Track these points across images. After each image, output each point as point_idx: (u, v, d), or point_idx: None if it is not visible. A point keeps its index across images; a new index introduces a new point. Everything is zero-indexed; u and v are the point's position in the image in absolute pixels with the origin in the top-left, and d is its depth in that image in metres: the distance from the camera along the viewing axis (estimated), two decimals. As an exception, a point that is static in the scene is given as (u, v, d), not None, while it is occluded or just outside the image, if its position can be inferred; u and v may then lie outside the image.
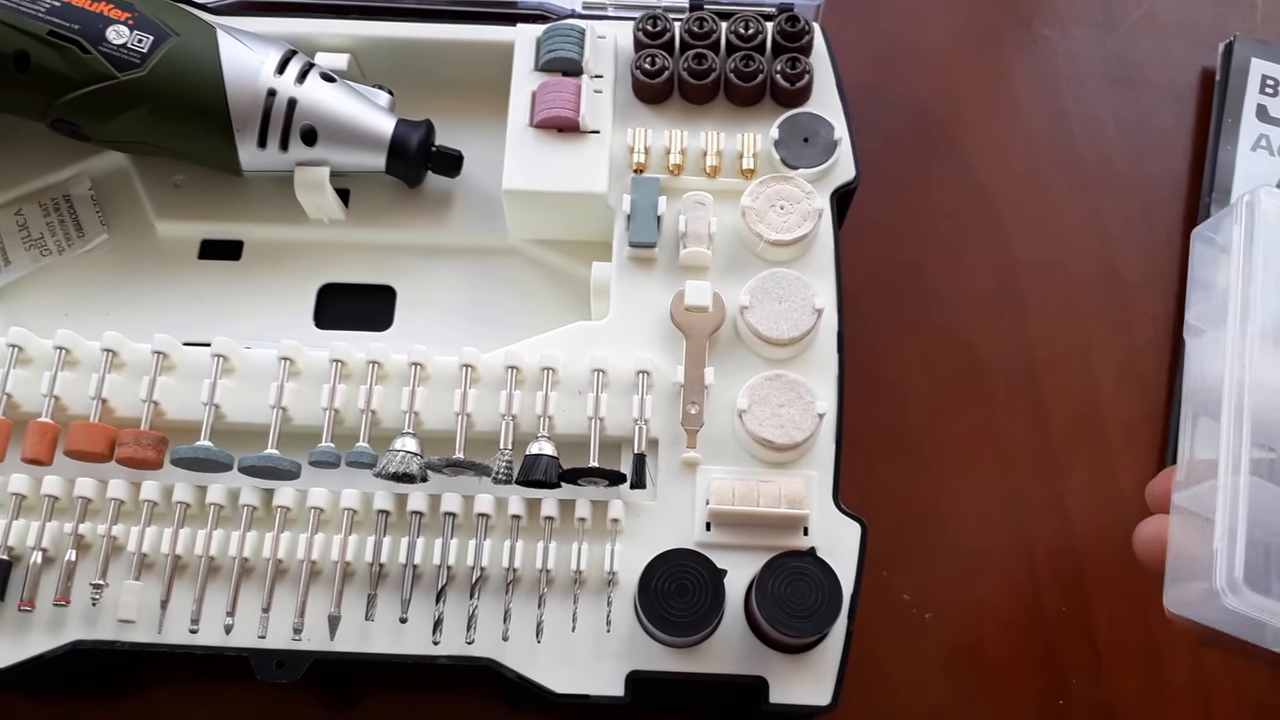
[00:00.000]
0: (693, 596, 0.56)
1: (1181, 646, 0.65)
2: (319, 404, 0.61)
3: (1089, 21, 0.81)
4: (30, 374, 0.62)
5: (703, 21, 0.68)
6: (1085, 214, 0.74)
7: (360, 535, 0.60)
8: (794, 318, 0.62)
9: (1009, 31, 0.81)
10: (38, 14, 0.64)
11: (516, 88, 0.68)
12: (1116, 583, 0.67)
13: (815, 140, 0.67)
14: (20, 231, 0.71)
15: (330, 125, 0.67)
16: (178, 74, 0.65)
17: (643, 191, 0.65)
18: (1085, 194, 0.76)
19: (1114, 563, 0.68)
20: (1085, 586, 0.68)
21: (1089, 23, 0.81)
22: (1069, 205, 0.75)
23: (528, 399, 0.62)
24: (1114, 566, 0.68)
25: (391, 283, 0.71)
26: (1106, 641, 0.66)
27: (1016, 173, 0.76)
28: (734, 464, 0.61)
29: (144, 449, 0.60)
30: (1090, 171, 0.76)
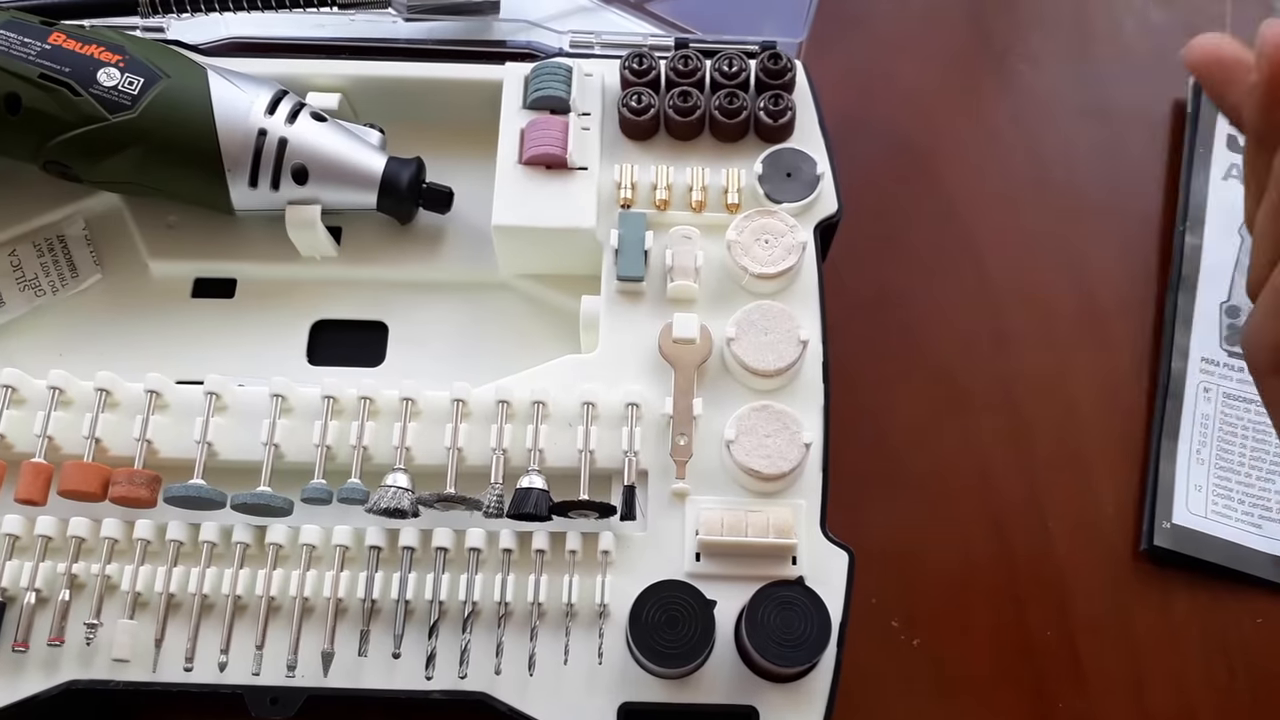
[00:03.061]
0: (683, 627, 0.55)
1: (1165, 670, 0.64)
2: (311, 441, 0.60)
3: (1062, 55, 0.80)
4: (24, 414, 0.60)
5: (687, 60, 0.67)
6: (1062, 243, 0.73)
7: (353, 571, 0.58)
8: (779, 349, 0.61)
9: (984, 65, 0.80)
10: (29, 57, 0.63)
11: (505, 125, 0.67)
12: (1100, 605, 0.66)
13: (798, 175, 0.65)
14: (14, 272, 0.69)
15: (321, 164, 0.65)
16: (168, 115, 0.63)
17: (630, 226, 0.64)
18: (1062, 223, 0.74)
19: (1098, 585, 0.66)
20: (1069, 609, 0.66)
21: (1062, 56, 0.80)
22: (1046, 234, 0.74)
23: (518, 432, 0.60)
24: (1098, 589, 0.66)
25: (384, 319, 0.69)
26: (1091, 665, 0.65)
27: (994, 203, 0.75)
28: (723, 494, 0.60)
29: (137, 488, 0.58)
30: (1066, 201, 0.75)
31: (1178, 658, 0.65)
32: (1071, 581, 0.67)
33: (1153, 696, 0.64)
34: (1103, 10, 0.82)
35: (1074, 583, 0.67)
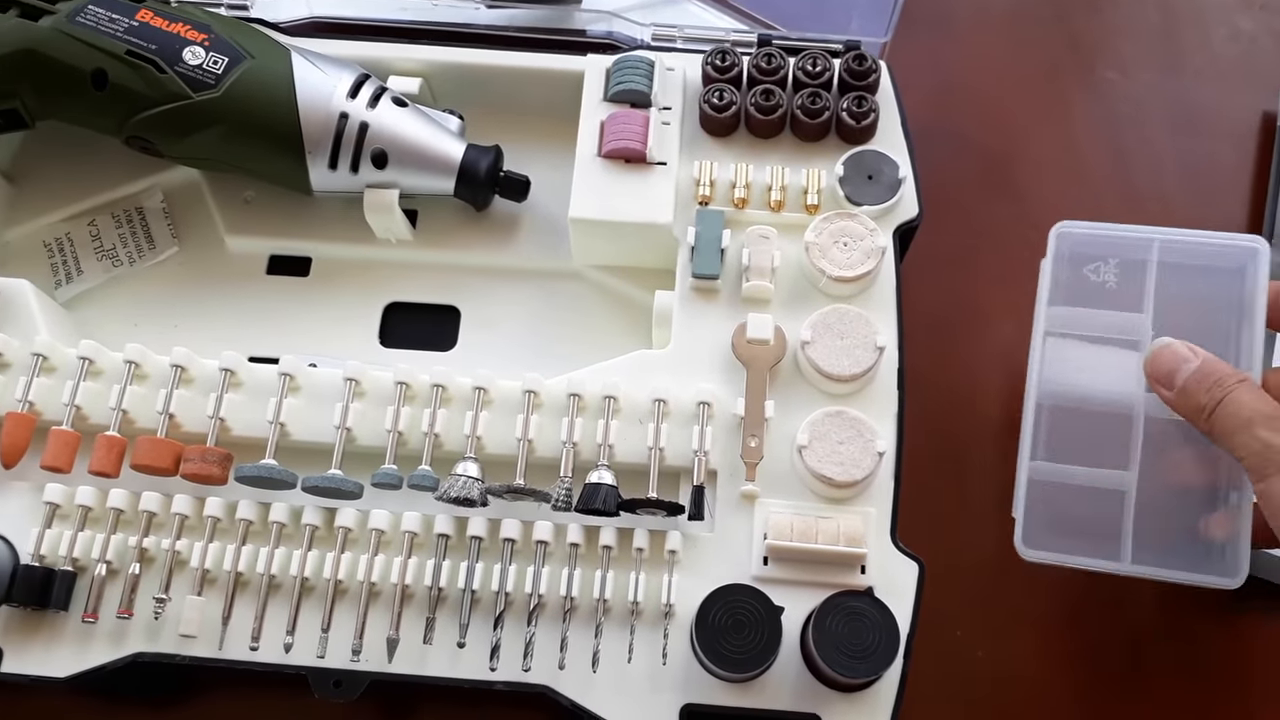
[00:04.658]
0: (749, 632, 0.54)
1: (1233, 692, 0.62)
2: (382, 425, 0.59)
3: (1152, 65, 0.77)
4: (99, 386, 0.60)
5: (770, 58, 0.66)
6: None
7: (420, 558, 0.57)
8: (855, 354, 0.59)
9: (1071, 73, 0.77)
10: (116, 33, 0.62)
11: (585, 117, 0.65)
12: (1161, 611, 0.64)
13: (879, 177, 0.64)
14: (93, 242, 0.69)
15: (401, 149, 0.64)
16: (251, 96, 0.62)
17: (707, 224, 0.63)
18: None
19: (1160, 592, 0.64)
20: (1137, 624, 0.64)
21: (1152, 67, 0.77)
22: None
23: (589, 426, 0.59)
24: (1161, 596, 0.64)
25: (456, 303, 0.68)
26: (1159, 682, 0.63)
27: (1075, 213, 0.72)
28: (792, 498, 0.59)
29: (209, 465, 0.58)
30: (1151, 213, 0.72)
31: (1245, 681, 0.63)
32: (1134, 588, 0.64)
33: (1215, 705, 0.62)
34: (1191, 18, 0.79)
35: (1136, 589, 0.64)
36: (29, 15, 0.62)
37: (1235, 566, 0.55)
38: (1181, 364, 0.55)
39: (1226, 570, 0.55)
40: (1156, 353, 0.56)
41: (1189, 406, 0.54)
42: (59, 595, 0.56)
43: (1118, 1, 0.80)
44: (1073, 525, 0.57)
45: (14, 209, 0.69)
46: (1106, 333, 0.59)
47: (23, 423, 0.59)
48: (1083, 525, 0.58)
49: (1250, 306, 0.57)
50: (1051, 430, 0.58)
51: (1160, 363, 0.55)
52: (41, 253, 0.69)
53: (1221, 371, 0.54)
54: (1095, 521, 0.57)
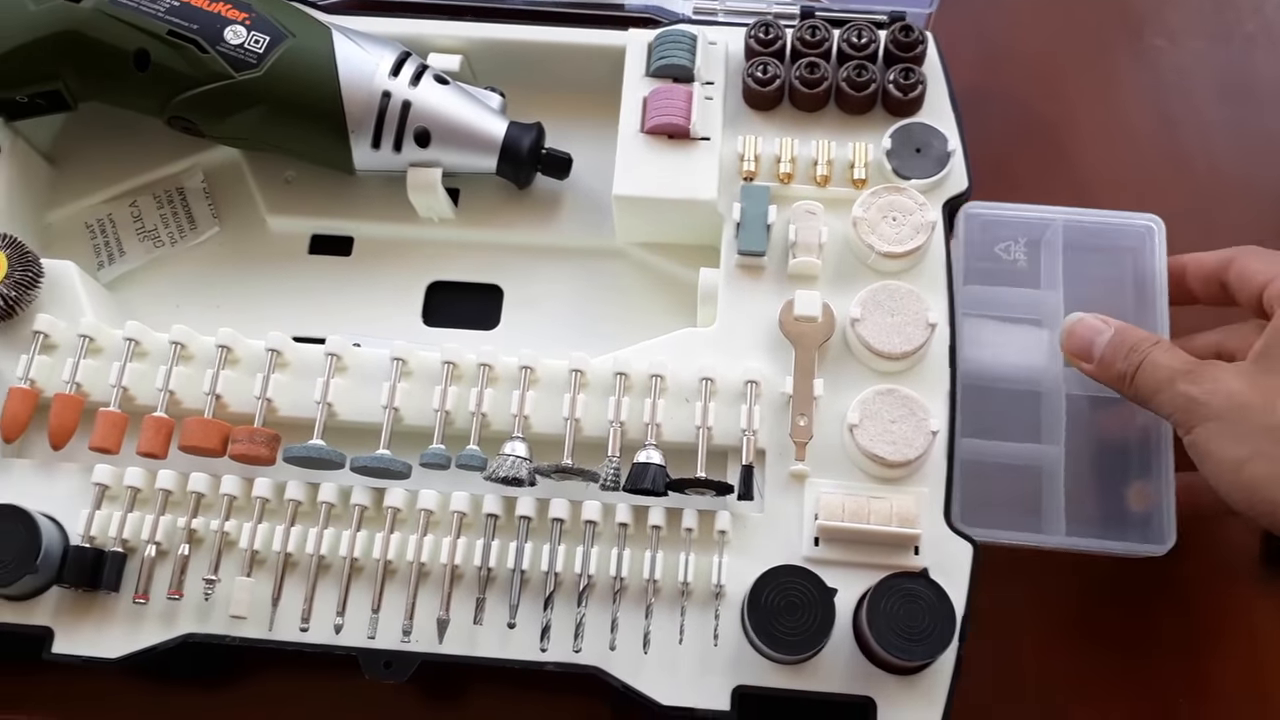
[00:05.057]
0: (802, 614, 0.53)
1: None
2: (429, 405, 0.58)
3: (1201, 33, 0.75)
4: (145, 368, 0.60)
5: (815, 30, 0.64)
6: (1196, 223, 0.69)
7: (469, 538, 0.57)
8: (906, 332, 0.58)
9: (1118, 40, 0.75)
10: (157, 14, 0.61)
11: (628, 93, 0.64)
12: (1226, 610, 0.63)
13: (928, 151, 0.62)
14: (135, 223, 0.68)
15: (444, 128, 0.63)
16: (293, 75, 0.62)
17: (753, 200, 0.62)
18: (1196, 202, 0.70)
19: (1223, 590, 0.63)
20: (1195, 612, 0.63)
21: (1201, 34, 0.75)
22: (1184, 214, 0.69)
23: (635, 405, 0.58)
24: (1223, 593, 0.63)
25: (499, 282, 0.67)
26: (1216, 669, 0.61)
27: (1124, 180, 0.71)
28: (842, 478, 0.58)
29: (257, 446, 0.57)
30: (1201, 181, 0.71)
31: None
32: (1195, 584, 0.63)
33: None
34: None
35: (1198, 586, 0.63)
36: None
37: (1161, 533, 0.57)
38: (1096, 335, 0.57)
39: (1153, 537, 0.57)
40: (1071, 328, 0.58)
41: (1110, 375, 0.57)
42: (109, 576, 0.56)
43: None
44: (1004, 501, 0.59)
45: (56, 191, 0.69)
46: (1020, 311, 0.62)
47: (70, 404, 0.58)
48: (1012, 501, 0.60)
49: (1150, 282, 0.61)
50: (975, 408, 0.59)
51: (1076, 337, 0.58)
52: (83, 234, 0.68)
53: (1136, 337, 0.56)
54: (1025, 497, 0.60)
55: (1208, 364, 0.55)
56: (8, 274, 0.60)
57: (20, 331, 0.61)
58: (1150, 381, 0.55)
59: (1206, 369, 0.54)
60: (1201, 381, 0.54)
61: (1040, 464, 0.60)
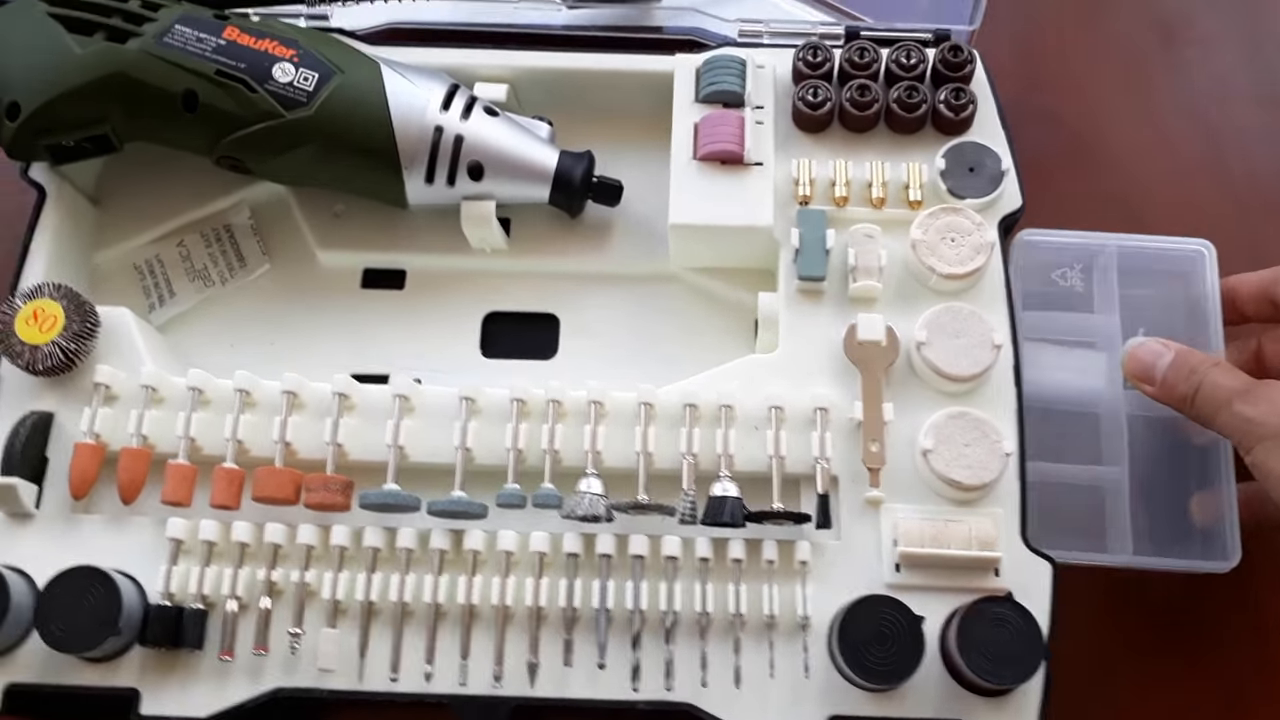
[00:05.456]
0: (892, 643, 0.53)
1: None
2: (498, 443, 0.58)
3: (1233, 40, 0.75)
4: (211, 416, 0.59)
5: (864, 51, 0.64)
6: (1239, 231, 0.69)
7: (551, 578, 0.56)
8: (973, 354, 0.58)
9: (1152, 50, 0.75)
10: (204, 53, 0.60)
11: (678, 120, 0.64)
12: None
13: (981, 169, 0.62)
14: (184, 263, 0.67)
15: (496, 160, 0.63)
16: (345, 112, 0.61)
17: (810, 225, 0.61)
18: (1238, 210, 0.70)
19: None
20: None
21: (1233, 41, 0.75)
22: (1222, 222, 0.70)
23: (706, 435, 0.58)
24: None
25: (554, 310, 0.67)
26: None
27: (1165, 190, 0.71)
28: (916, 502, 0.58)
29: (333, 494, 0.56)
30: (1241, 189, 0.71)
31: None
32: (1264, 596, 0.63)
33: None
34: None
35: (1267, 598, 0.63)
36: (116, 38, 0.60)
37: (1225, 549, 0.58)
38: (1157, 359, 0.58)
39: (1218, 554, 0.58)
40: (1133, 351, 0.59)
41: (1172, 397, 0.57)
42: (192, 634, 0.55)
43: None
44: (1069, 522, 0.60)
45: (101, 232, 0.67)
46: (1076, 335, 0.63)
47: (139, 458, 0.57)
48: (1077, 521, 0.60)
49: (1201, 305, 0.62)
50: (1036, 431, 0.59)
51: (1138, 360, 0.58)
52: (132, 276, 0.67)
53: (1195, 359, 0.57)
54: (1089, 517, 0.60)
55: (1265, 384, 0.55)
56: (65, 326, 0.59)
57: (79, 383, 0.60)
58: (1210, 402, 0.56)
59: (1263, 389, 0.55)
60: (1258, 402, 0.54)
61: (1103, 484, 0.60)
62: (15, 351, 0.58)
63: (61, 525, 0.58)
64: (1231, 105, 0.74)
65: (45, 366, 0.58)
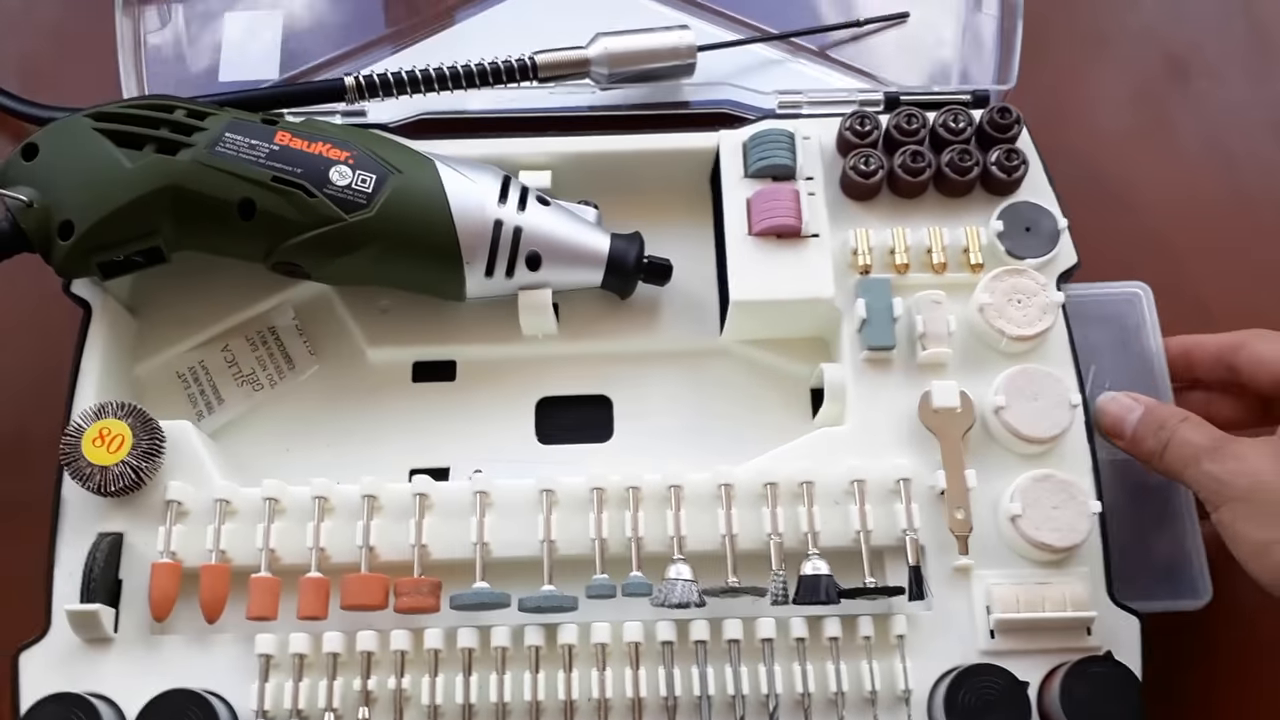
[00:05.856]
0: (998, 711, 0.54)
1: None
2: (579, 532, 0.59)
3: (1244, 71, 0.78)
4: (288, 525, 0.59)
5: (911, 117, 0.66)
6: (1271, 259, 0.72)
7: (648, 667, 0.57)
8: (1053, 415, 0.60)
9: (1168, 87, 0.77)
10: (258, 160, 0.60)
11: (729, 196, 0.65)
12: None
13: (1037, 229, 0.64)
14: (230, 368, 0.67)
15: (553, 249, 0.63)
16: (407, 212, 0.61)
17: (875, 294, 0.62)
18: (1267, 239, 0.73)
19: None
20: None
21: (1244, 72, 0.78)
22: (1254, 251, 0.72)
23: (788, 513, 0.59)
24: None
25: (607, 392, 0.67)
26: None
27: (1193, 227, 0.73)
28: (1002, 566, 0.59)
29: (425, 597, 0.57)
30: (1267, 216, 0.73)
31: None
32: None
33: None
34: (1273, 13, 0.80)
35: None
36: (166, 150, 0.60)
37: (1194, 588, 0.60)
38: (1128, 413, 0.59)
39: (1188, 592, 0.61)
40: (1103, 405, 0.61)
41: (1141, 451, 0.59)
42: (291, 751, 0.55)
43: (1201, 11, 0.80)
44: None
45: (141, 342, 0.67)
46: None
47: (219, 574, 0.57)
48: None
49: (1145, 346, 0.64)
50: None
51: (1109, 415, 0.60)
52: (176, 384, 0.67)
53: (1165, 414, 0.58)
54: None
55: (1233, 442, 0.56)
56: (134, 444, 0.58)
57: (147, 501, 0.60)
58: (1178, 459, 0.57)
59: (1231, 446, 0.56)
60: (1225, 460, 0.55)
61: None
62: (84, 474, 0.58)
63: (142, 648, 0.58)
64: (1248, 132, 0.76)
65: (117, 487, 0.58)
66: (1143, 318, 0.65)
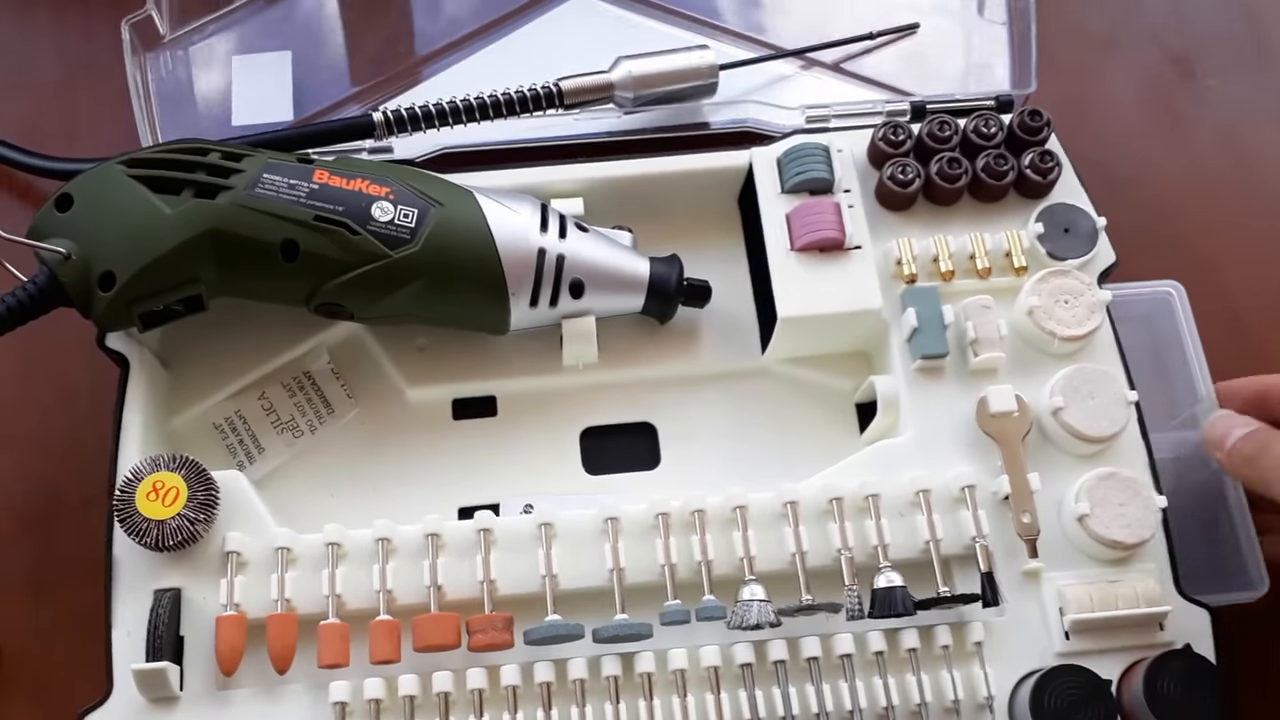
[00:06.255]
0: (1085, 711, 0.55)
1: None
2: (646, 559, 0.59)
3: (1245, 65, 0.80)
4: (351, 569, 0.58)
5: (944, 125, 0.67)
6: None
7: (729, 691, 0.57)
8: (1111, 413, 0.60)
9: (1176, 86, 0.79)
10: (298, 200, 0.60)
11: (767, 213, 0.66)
12: None
13: (1075, 229, 0.65)
14: (268, 415, 0.66)
15: (596, 276, 0.64)
16: (450, 245, 0.61)
17: (925, 303, 0.63)
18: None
19: None
20: None
21: (1246, 66, 0.80)
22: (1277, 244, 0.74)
23: (855, 527, 0.59)
24: None
25: (650, 419, 0.68)
26: None
27: (1213, 226, 0.75)
28: (1070, 567, 0.60)
29: (499, 633, 0.56)
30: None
31: None
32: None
33: None
34: (1271, 11, 0.82)
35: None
36: (205, 194, 0.60)
37: (1251, 580, 0.62)
38: (1234, 429, 0.60)
39: (1244, 585, 0.62)
40: (1214, 421, 0.61)
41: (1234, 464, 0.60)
42: (376, 798, 0.54)
43: (1200, 10, 0.82)
44: None
45: (174, 395, 0.66)
46: None
47: (287, 624, 0.57)
48: None
49: (1183, 344, 0.66)
50: None
51: (1217, 429, 0.61)
52: (213, 436, 0.66)
53: (1266, 432, 0.59)
54: None
55: None
56: (189, 497, 0.58)
57: (203, 554, 0.59)
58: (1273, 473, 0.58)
59: None
60: None
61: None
62: (140, 530, 0.57)
63: (210, 704, 0.57)
64: (1258, 127, 0.78)
65: (174, 541, 0.57)
66: (1177, 317, 0.67)
